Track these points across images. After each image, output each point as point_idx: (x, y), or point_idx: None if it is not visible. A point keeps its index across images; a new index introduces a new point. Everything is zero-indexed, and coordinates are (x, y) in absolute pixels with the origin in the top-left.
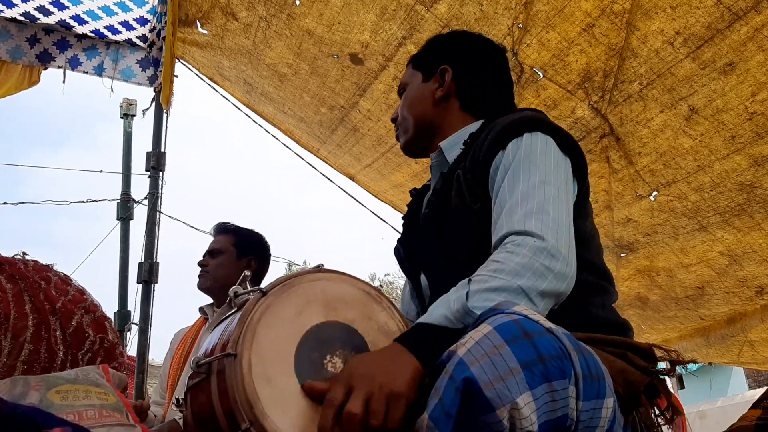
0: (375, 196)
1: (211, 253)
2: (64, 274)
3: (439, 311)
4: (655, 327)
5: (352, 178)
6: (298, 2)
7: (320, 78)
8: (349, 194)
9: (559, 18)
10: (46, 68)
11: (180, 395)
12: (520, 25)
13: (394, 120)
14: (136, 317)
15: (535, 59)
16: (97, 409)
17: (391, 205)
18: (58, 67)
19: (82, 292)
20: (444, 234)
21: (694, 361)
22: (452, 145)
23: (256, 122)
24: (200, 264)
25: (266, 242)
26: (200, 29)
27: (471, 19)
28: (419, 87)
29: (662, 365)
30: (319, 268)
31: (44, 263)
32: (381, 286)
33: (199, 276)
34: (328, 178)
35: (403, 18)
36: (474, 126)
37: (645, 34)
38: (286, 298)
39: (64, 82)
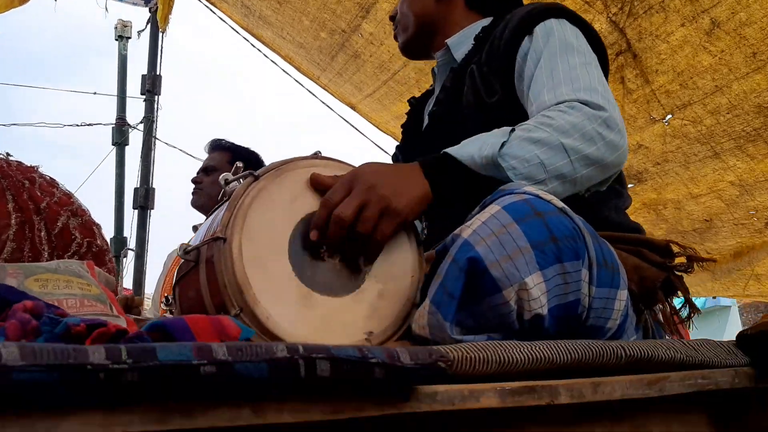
0: (376, 127)
1: (205, 170)
2: (51, 177)
3: (470, 149)
4: None
5: (353, 107)
6: None
7: None
8: (351, 125)
9: None
10: None
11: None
12: None
13: (392, 18)
14: (132, 244)
15: None
16: (79, 299)
17: (393, 137)
18: None
19: (69, 195)
20: (453, 132)
21: (714, 260)
22: (461, 42)
23: (254, 46)
24: (194, 181)
25: (262, 160)
26: None
27: None
28: None
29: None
30: (316, 155)
31: (29, 165)
32: None
33: (192, 193)
34: (328, 106)
35: None
36: (485, 21)
37: None
38: (280, 182)
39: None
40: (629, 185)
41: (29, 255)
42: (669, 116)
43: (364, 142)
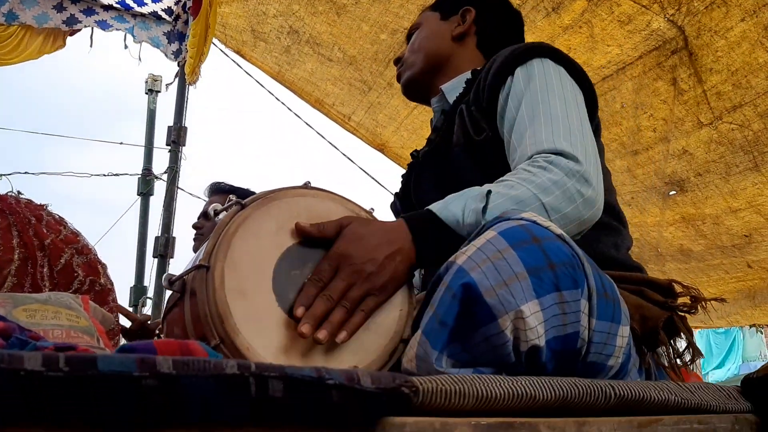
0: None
1: (205, 215)
2: (59, 216)
3: (454, 211)
4: (699, 280)
5: (382, 149)
6: None
7: (383, 4)
8: (375, 179)
9: None
10: (72, 33)
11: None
12: None
13: (397, 61)
14: (151, 293)
15: None
16: (65, 330)
17: None
18: (85, 26)
19: (75, 234)
20: (445, 172)
21: (723, 300)
22: (454, 87)
23: (278, 99)
24: (194, 227)
25: None
26: None
27: None
28: (437, 24)
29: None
30: (306, 185)
31: (39, 203)
32: None
33: (194, 240)
34: (351, 160)
35: None
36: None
37: None
38: (267, 211)
39: (91, 45)
40: (671, 192)
41: (29, 290)
42: (717, 121)
43: (383, 192)
